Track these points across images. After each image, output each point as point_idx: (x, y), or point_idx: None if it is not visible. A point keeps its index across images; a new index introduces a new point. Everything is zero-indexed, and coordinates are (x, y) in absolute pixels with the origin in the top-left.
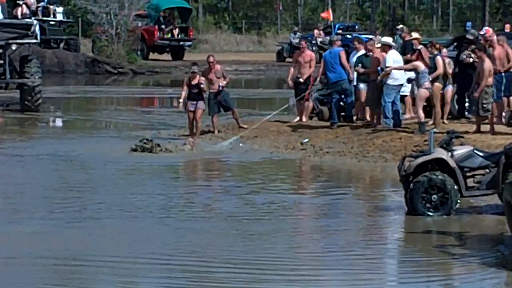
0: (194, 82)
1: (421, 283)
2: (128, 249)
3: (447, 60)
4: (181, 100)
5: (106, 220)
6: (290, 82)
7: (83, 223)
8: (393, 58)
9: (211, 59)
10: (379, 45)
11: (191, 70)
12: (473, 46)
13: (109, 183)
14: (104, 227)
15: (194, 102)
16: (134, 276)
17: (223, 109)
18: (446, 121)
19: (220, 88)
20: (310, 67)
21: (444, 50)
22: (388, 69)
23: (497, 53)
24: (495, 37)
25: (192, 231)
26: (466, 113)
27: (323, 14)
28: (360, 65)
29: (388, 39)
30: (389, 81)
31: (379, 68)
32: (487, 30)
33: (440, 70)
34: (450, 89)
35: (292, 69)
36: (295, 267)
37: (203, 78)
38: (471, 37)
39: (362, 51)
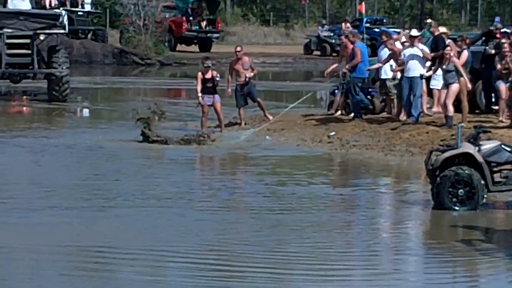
0: (208, 76)
1: (446, 278)
2: (153, 240)
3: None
4: (200, 94)
5: (132, 210)
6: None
7: (108, 213)
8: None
9: (239, 48)
10: (404, 38)
11: (204, 64)
12: (497, 40)
13: (135, 173)
14: (130, 217)
15: (211, 96)
16: (157, 267)
17: (251, 100)
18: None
19: (247, 80)
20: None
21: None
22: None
23: None
24: None
25: (215, 223)
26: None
27: (360, 7)
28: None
29: (413, 31)
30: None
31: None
32: None
33: (461, 62)
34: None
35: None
36: (319, 261)
37: (215, 72)
38: (492, 28)
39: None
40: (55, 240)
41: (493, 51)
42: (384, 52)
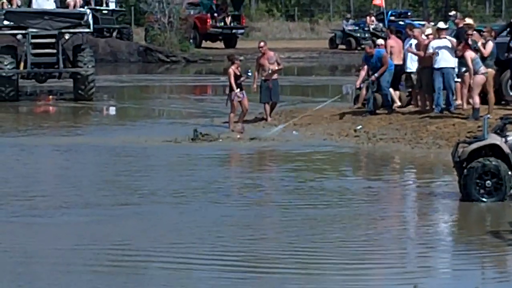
0: (238, 72)
1: (475, 270)
2: (184, 237)
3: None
4: (237, 90)
5: (162, 208)
6: None
7: (136, 211)
8: (433, 44)
9: (262, 44)
10: (429, 31)
11: (235, 60)
12: None
13: (163, 170)
14: (159, 215)
15: (242, 92)
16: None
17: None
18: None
19: (269, 72)
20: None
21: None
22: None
23: None
24: None
25: (245, 218)
26: None
27: (375, 2)
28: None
29: (441, 24)
30: (435, 65)
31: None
32: None
33: (485, 53)
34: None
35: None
36: (348, 258)
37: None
38: None
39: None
40: (82, 240)
41: None
42: (410, 44)
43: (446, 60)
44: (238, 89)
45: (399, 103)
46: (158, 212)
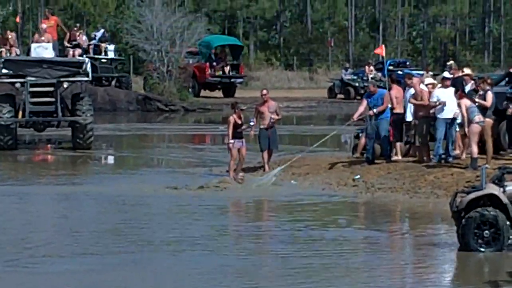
0: (239, 121)
1: None
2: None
3: None
4: (231, 141)
5: (160, 256)
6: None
7: (136, 259)
8: (437, 94)
9: (264, 92)
10: (428, 80)
11: (237, 108)
12: None
13: (161, 219)
14: (156, 263)
15: (240, 140)
16: None
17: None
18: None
19: (271, 121)
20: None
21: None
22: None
23: None
24: None
25: (242, 268)
26: None
27: (376, 50)
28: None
29: (445, 73)
30: (439, 115)
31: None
32: None
33: (487, 104)
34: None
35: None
36: None
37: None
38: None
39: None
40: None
41: None
42: (410, 94)
43: (451, 110)
44: (236, 139)
45: (399, 157)
46: (155, 261)
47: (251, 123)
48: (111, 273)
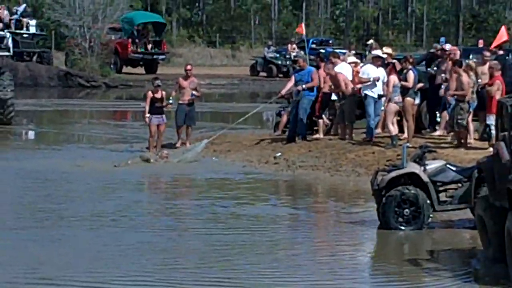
0: (158, 95)
1: None
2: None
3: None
4: (147, 115)
5: (75, 232)
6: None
7: (54, 234)
8: (368, 71)
9: (189, 67)
10: (350, 59)
11: (154, 84)
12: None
13: (81, 195)
14: (73, 240)
15: (159, 116)
16: None
17: (188, 122)
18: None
19: (192, 97)
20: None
21: None
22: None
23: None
24: (458, 54)
25: (158, 245)
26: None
27: (298, 29)
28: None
29: (378, 52)
30: (368, 92)
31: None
32: (452, 48)
33: (409, 84)
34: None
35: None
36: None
37: (164, 93)
38: (433, 50)
39: (340, 65)
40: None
41: (433, 71)
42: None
43: (379, 89)
44: (154, 114)
45: (321, 136)
46: (73, 237)
47: (170, 101)
48: (27, 249)
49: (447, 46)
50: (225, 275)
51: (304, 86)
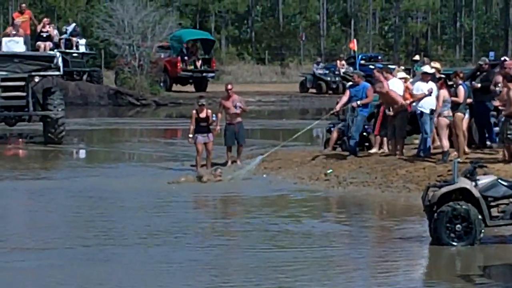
0: (202, 115)
1: None
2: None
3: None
4: (191, 135)
5: (129, 253)
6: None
7: (103, 254)
8: (421, 87)
9: (229, 86)
10: (400, 74)
11: (198, 103)
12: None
13: (132, 213)
14: (126, 260)
15: (205, 135)
16: None
17: (237, 141)
18: (467, 150)
19: (237, 110)
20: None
21: None
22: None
23: None
24: None
25: (208, 263)
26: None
27: (351, 45)
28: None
29: (427, 68)
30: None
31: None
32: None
33: (460, 99)
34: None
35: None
36: None
37: (210, 112)
38: (481, 63)
39: (392, 80)
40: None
41: (479, 85)
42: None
43: (432, 104)
44: (199, 133)
45: (378, 151)
46: (125, 255)
47: (214, 118)
48: (79, 268)
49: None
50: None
51: (359, 102)
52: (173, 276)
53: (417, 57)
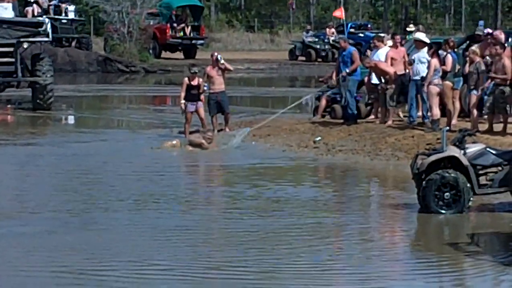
0: (194, 83)
1: (432, 282)
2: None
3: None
4: (182, 101)
5: (119, 218)
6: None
7: (95, 224)
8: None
9: (216, 54)
10: (390, 43)
11: (191, 71)
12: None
13: (120, 181)
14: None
15: (194, 103)
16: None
17: (221, 110)
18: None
19: (220, 64)
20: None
21: None
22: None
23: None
24: (502, 37)
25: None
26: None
27: (335, 13)
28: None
29: (422, 35)
30: (416, 77)
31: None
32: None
33: (447, 68)
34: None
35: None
36: (306, 265)
37: (202, 80)
38: (479, 33)
39: (383, 49)
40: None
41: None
42: (377, 56)
43: (422, 71)
44: (189, 101)
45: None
46: (113, 220)
47: (205, 88)
48: (67, 233)
49: (488, 30)
50: (263, 258)
51: (347, 70)
52: (160, 242)
53: (411, 27)
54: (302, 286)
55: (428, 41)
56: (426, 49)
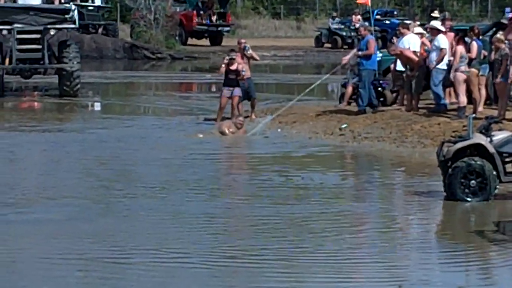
0: (233, 67)
1: (459, 269)
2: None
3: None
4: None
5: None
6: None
7: (118, 211)
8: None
9: (243, 40)
10: (417, 29)
11: (229, 56)
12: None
13: (146, 167)
14: (140, 212)
15: (231, 88)
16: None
17: (247, 96)
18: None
19: (247, 52)
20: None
21: None
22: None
23: None
24: None
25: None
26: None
27: (360, 0)
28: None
29: (437, 23)
30: (439, 65)
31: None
32: None
33: (472, 55)
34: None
35: None
36: (330, 254)
37: (241, 66)
38: (505, 21)
39: (409, 36)
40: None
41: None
42: (402, 43)
43: (447, 59)
44: (226, 86)
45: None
46: (137, 208)
47: (243, 72)
48: (90, 220)
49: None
50: (286, 246)
51: (360, 53)
52: (181, 229)
53: (436, 13)
54: (323, 275)
55: (443, 29)
56: (440, 36)
